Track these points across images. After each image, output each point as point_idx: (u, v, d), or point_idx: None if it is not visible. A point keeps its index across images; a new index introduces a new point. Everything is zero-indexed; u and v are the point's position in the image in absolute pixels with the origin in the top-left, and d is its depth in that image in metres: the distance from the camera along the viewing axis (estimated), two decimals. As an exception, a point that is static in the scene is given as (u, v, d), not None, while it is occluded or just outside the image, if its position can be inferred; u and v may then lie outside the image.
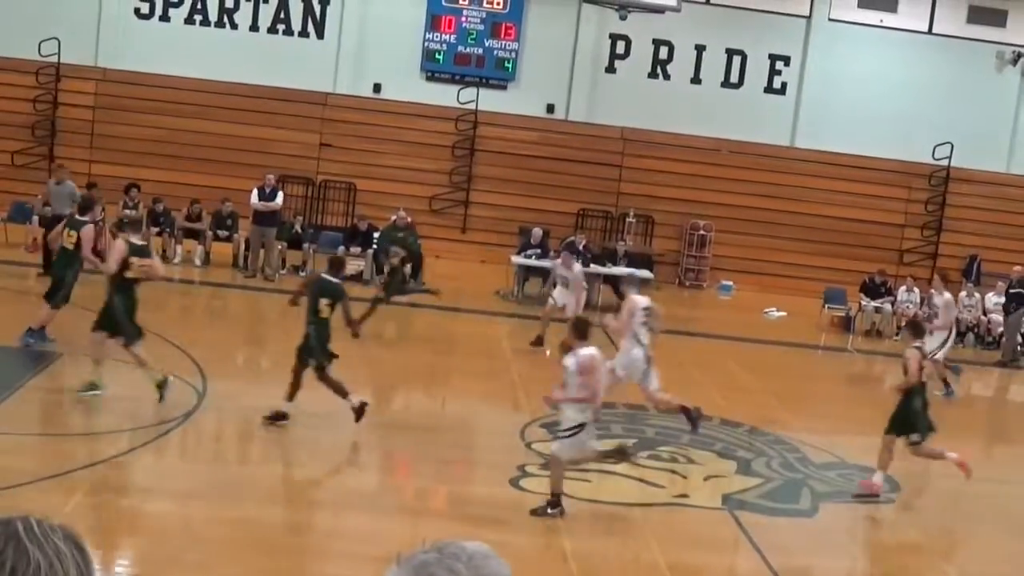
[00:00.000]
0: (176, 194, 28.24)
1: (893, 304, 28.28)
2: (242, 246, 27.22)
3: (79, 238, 17.96)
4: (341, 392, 15.47)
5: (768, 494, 15.28)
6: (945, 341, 21.95)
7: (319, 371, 15.48)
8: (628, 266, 27.21)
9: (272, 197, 26.90)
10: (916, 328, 16.34)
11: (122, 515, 12.39)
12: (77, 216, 18.46)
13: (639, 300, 17.54)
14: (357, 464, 15.76)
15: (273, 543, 12.33)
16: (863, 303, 28.21)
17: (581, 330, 13.48)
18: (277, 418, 15.44)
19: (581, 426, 13.31)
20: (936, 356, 20.83)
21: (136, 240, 16.22)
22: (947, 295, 22.52)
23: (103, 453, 14.16)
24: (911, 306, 28.26)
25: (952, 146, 32.22)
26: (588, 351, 13.22)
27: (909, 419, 15.19)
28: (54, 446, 14.62)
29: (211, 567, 11.51)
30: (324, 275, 15.98)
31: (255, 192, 26.91)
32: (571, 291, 22.35)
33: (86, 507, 12.22)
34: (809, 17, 32.41)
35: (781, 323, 28.04)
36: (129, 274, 15.73)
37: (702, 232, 31.45)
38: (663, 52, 32.25)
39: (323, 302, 15.46)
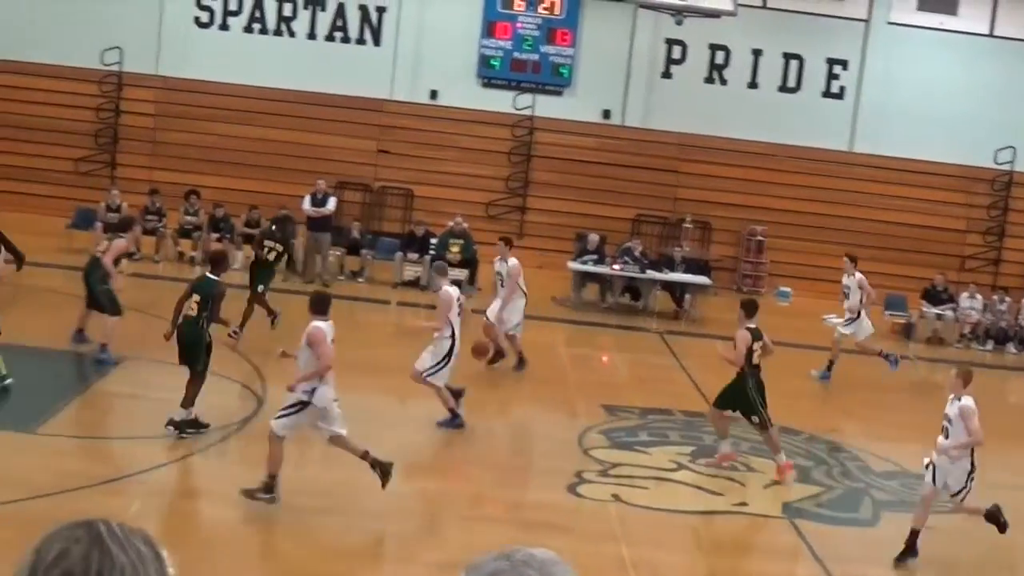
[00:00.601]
0: (235, 200, 28.43)
1: (955, 311, 28.06)
2: (300, 252, 27.35)
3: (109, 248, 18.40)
4: (189, 401, 15.07)
5: (828, 503, 15.21)
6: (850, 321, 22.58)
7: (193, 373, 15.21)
8: (686, 272, 27.14)
9: (324, 203, 27.03)
10: (747, 307, 16.67)
11: (183, 518, 12.50)
12: (118, 233, 19.06)
13: (452, 292, 17.05)
14: (414, 470, 15.80)
15: (331, 548, 12.40)
16: (924, 310, 28.00)
17: (315, 303, 13.30)
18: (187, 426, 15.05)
19: (303, 404, 13.01)
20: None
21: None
22: (858, 275, 22.52)
23: (164, 457, 14.30)
24: (974, 312, 28.07)
25: (1015, 150, 31.93)
26: (317, 323, 12.99)
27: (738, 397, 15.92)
28: (117, 450, 14.77)
29: (271, 571, 11.60)
30: (206, 273, 15.84)
31: (307, 198, 27.09)
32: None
33: (149, 510, 12.35)
34: (867, 21, 32.20)
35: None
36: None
37: (759, 238, 31.29)
38: (719, 57, 32.15)
39: (193, 299, 15.24)
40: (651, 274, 26.60)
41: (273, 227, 21.82)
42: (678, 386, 20.76)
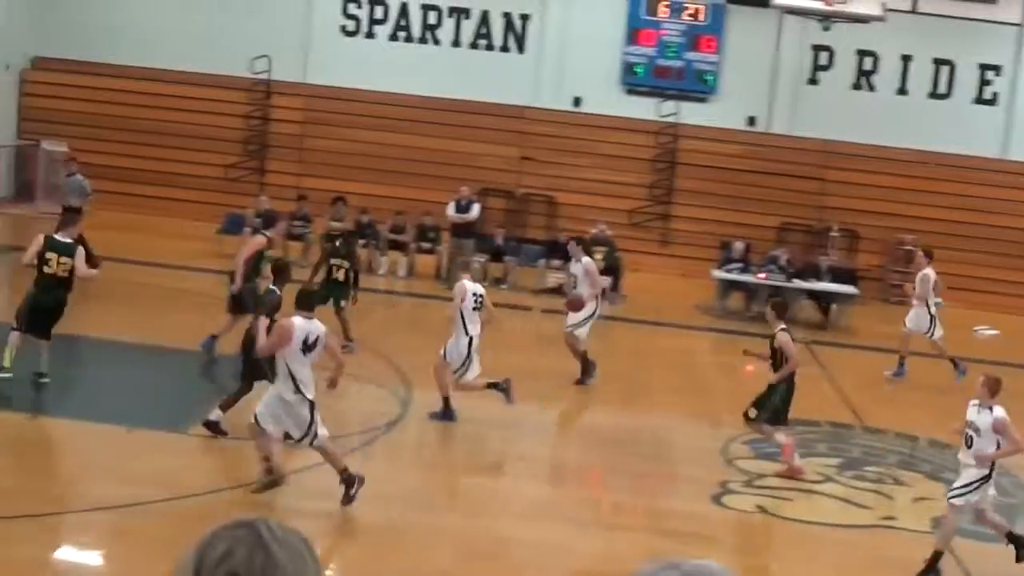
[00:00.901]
0: (381, 207, 28.72)
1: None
2: (444, 258, 27.52)
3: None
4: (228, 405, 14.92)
5: (980, 518, 14.83)
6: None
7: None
8: (832, 282, 26.74)
9: (467, 209, 27.15)
10: (778, 308, 16.43)
11: (329, 520, 12.62)
12: (262, 230, 18.65)
13: (468, 286, 16.75)
14: (556, 476, 15.79)
15: (474, 551, 12.45)
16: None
17: (300, 301, 13.15)
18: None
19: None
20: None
21: (60, 237, 16.19)
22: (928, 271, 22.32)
23: (312, 458, 14.45)
24: None
25: None
26: (293, 319, 12.83)
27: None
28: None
29: (409, 571, 11.67)
30: (268, 285, 15.59)
31: (451, 205, 27.22)
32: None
33: (295, 510, 12.49)
34: (1021, 25, 31.45)
35: (994, 341, 27.20)
36: (47, 270, 15.82)
37: (908, 247, 30.67)
38: (867, 63, 31.66)
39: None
40: (797, 283, 26.26)
41: (338, 244, 21.39)
42: (824, 397, 20.45)
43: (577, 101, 31.76)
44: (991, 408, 12.67)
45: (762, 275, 26.19)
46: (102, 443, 14.54)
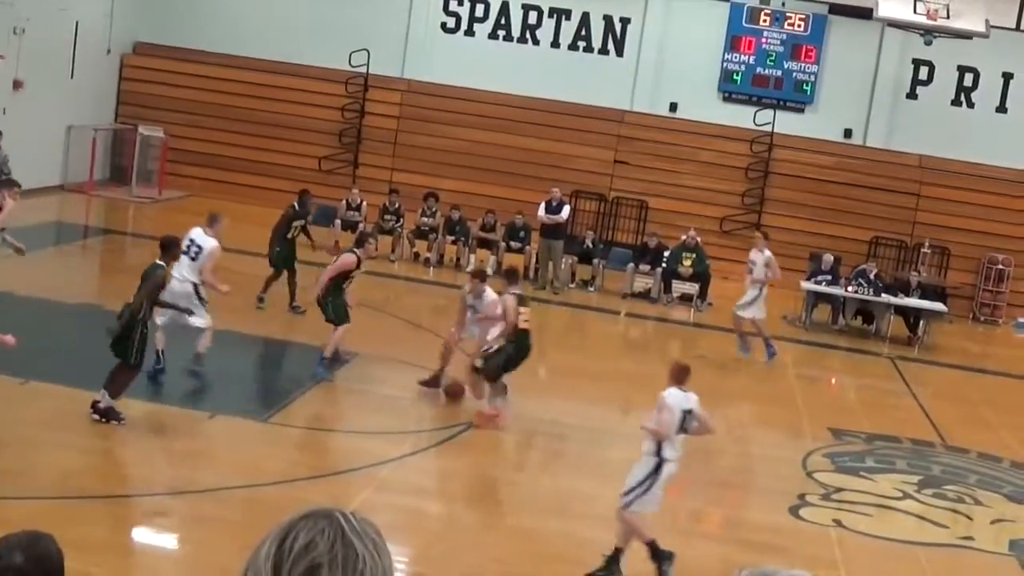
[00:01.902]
0: (472, 204, 28.82)
1: None
2: (533, 258, 27.59)
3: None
4: None
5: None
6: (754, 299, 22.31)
7: None
8: (921, 298, 26.48)
9: (558, 210, 27.17)
10: (508, 275, 16.94)
11: (405, 514, 12.74)
12: (354, 248, 18.00)
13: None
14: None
15: (547, 554, 12.51)
16: None
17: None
18: None
19: None
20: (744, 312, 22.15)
21: None
22: (767, 253, 22.49)
23: (389, 453, 14.61)
24: None
25: None
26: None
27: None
28: (343, 443, 15.15)
29: (487, 570, 11.75)
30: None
31: (542, 205, 27.24)
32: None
33: (371, 504, 12.62)
34: None
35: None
36: None
37: (1000, 266, 30.32)
38: (968, 79, 31.28)
39: None
40: (886, 298, 26.01)
41: (296, 206, 21.54)
42: (907, 413, 20.30)
43: (673, 107, 31.70)
44: None
45: (851, 288, 25.98)
46: (183, 427, 14.79)
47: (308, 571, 2.25)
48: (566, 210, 27.49)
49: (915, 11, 25.50)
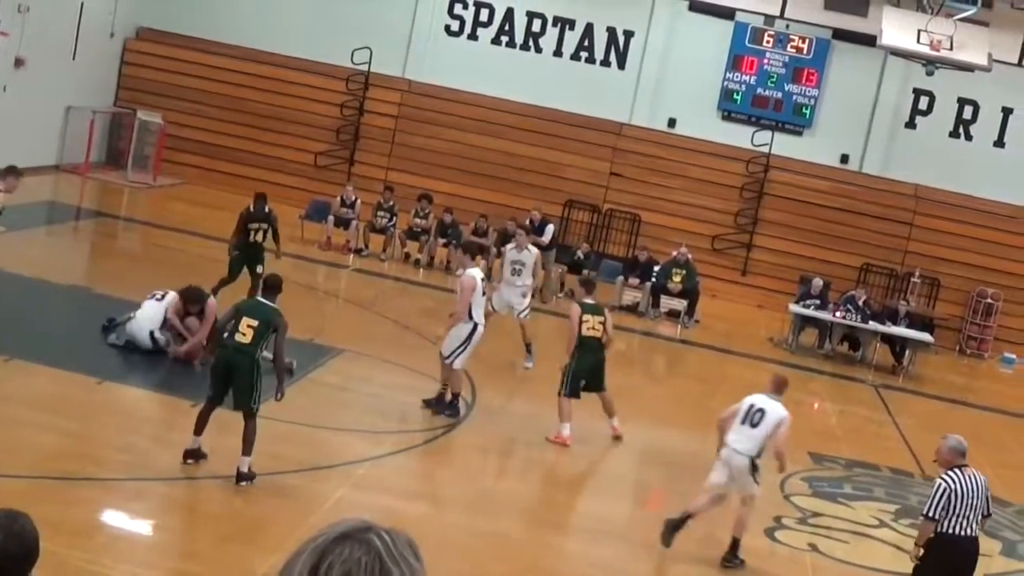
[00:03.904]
0: (465, 208, 28.81)
1: None
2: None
3: None
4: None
5: (1033, 579, 14.71)
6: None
7: None
8: (909, 327, 26.52)
9: (540, 231, 26.62)
10: (585, 284, 17.64)
11: (381, 514, 12.72)
12: None
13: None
14: (613, 493, 15.81)
15: (524, 562, 12.51)
16: None
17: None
18: None
19: None
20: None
21: None
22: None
23: (370, 451, 14.60)
24: None
25: None
26: None
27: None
28: (326, 438, 15.14)
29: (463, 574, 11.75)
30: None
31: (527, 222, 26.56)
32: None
33: (349, 502, 12.62)
34: None
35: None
36: None
37: (989, 300, 30.35)
38: (967, 111, 31.34)
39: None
40: (873, 325, 26.05)
41: (253, 208, 20.07)
42: (888, 442, 20.34)
43: (672, 122, 31.73)
44: None
45: (839, 314, 26.01)
46: (164, 415, 14.77)
47: None
48: (549, 231, 27.02)
49: (919, 41, 25.57)
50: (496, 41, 32.19)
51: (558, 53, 32.06)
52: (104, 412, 14.18)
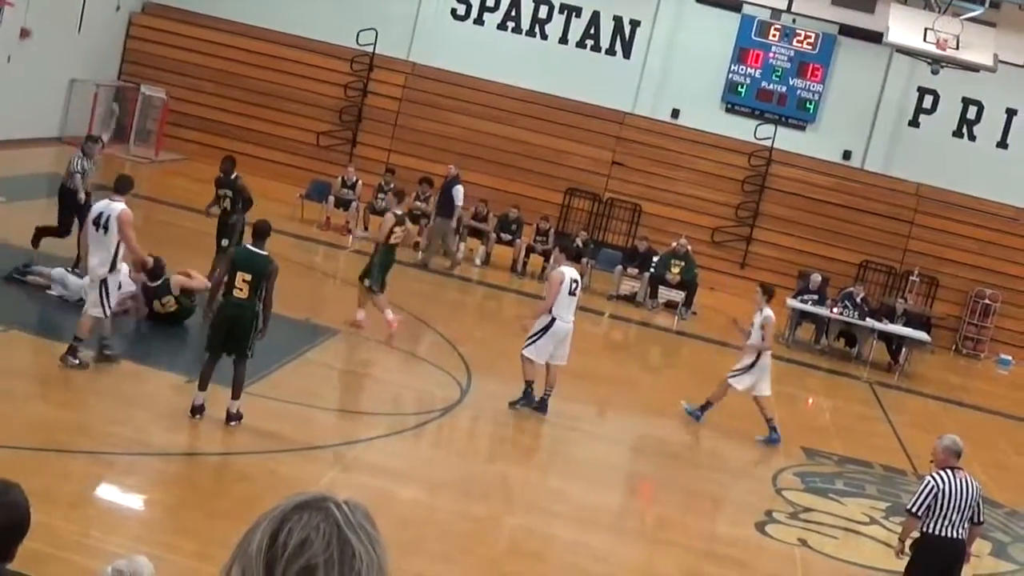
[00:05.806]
0: (466, 192, 28.74)
1: None
2: (522, 252, 27.59)
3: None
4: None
5: (1021, 581, 14.73)
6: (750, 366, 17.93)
7: None
8: (906, 325, 26.52)
9: (448, 192, 26.64)
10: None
11: (373, 496, 12.73)
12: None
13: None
14: (604, 482, 15.82)
15: (513, 547, 12.52)
16: None
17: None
18: None
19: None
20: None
21: None
22: (766, 312, 17.97)
23: (362, 433, 14.62)
24: None
25: None
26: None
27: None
28: (319, 418, 15.13)
29: (452, 559, 11.76)
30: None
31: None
32: None
33: (340, 483, 12.62)
34: None
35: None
36: None
37: (987, 301, 30.35)
38: (971, 112, 31.31)
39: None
40: (870, 322, 26.04)
41: (222, 175, 19.30)
42: (881, 439, 20.34)
43: (675, 113, 31.70)
44: None
45: (836, 310, 26.01)
46: (159, 390, 14.77)
47: (303, 571, 2.17)
48: (459, 191, 26.76)
49: (925, 39, 25.51)
50: (502, 26, 32.15)
51: (564, 40, 32.01)
52: (98, 386, 14.16)
